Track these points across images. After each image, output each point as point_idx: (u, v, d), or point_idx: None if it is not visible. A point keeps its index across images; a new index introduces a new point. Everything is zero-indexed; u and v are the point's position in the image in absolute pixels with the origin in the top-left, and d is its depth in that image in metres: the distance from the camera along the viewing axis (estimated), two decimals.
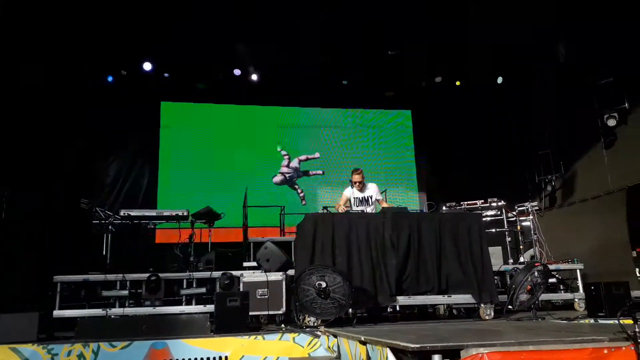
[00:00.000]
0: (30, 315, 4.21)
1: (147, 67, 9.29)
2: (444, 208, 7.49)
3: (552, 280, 6.16)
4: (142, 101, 9.76)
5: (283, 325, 4.71)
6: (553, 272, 6.13)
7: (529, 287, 4.60)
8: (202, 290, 5.72)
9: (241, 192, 7.77)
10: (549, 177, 8.87)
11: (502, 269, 6.08)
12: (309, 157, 10.63)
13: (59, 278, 5.40)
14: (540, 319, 4.42)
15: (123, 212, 6.25)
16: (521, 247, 7.36)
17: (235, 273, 5.46)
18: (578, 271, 6.38)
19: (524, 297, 4.64)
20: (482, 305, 4.91)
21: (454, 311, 6.14)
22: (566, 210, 8.59)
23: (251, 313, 4.68)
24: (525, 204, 7.55)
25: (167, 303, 5.61)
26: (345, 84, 10.44)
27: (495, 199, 7.35)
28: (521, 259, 7.09)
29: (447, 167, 10.71)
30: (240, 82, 9.96)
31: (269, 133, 10.56)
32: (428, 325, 4.30)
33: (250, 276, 5.32)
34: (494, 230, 7.25)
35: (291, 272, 5.33)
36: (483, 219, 5.86)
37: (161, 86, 9.73)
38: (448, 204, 7.52)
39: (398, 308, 6.16)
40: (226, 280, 5.26)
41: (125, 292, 5.55)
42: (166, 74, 9.53)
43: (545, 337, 2.48)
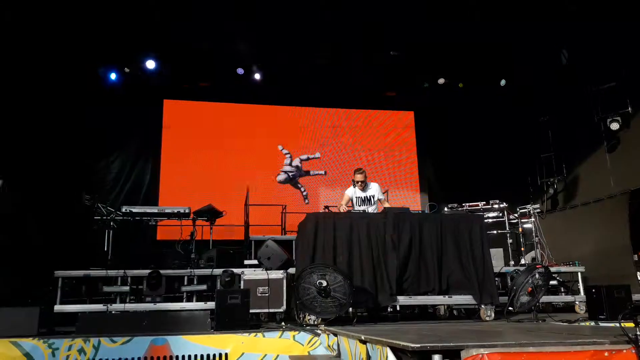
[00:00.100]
0: (31, 310, 4.21)
1: (150, 65, 9.30)
2: (446, 209, 7.50)
3: (553, 282, 6.15)
4: (144, 99, 9.78)
5: (283, 323, 4.73)
6: (554, 275, 6.12)
7: (530, 289, 4.60)
8: (203, 287, 5.72)
9: (242, 190, 7.78)
10: (551, 179, 8.85)
11: (503, 270, 6.08)
12: (310, 157, 10.63)
13: (60, 273, 5.41)
14: (541, 321, 4.42)
15: (125, 209, 6.25)
16: (522, 249, 7.35)
17: (236, 271, 5.48)
18: (579, 274, 6.39)
19: (524, 298, 4.65)
20: (482, 306, 4.91)
21: (455, 312, 6.14)
22: (568, 213, 8.57)
23: (251, 311, 4.69)
24: (527, 206, 7.56)
25: (167, 299, 5.63)
26: (348, 84, 10.42)
27: (497, 201, 7.35)
28: (522, 261, 7.09)
29: (449, 168, 10.72)
30: (243, 81, 9.96)
31: (270, 132, 10.56)
32: (428, 326, 4.29)
33: (251, 274, 5.33)
34: (495, 232, 7.25)
35: (292, 270, 5.34)
36: (485, 220, 5.86)
37: (164, 84, 9.70)
38: (450, 205, 7.54)
39: (398, 308, 6.17)
40: (227, 277, 5.28)
41: (126, 288, 5.56)
42: (168, 72, 9.54)
43: (546, 338, 2.48)
